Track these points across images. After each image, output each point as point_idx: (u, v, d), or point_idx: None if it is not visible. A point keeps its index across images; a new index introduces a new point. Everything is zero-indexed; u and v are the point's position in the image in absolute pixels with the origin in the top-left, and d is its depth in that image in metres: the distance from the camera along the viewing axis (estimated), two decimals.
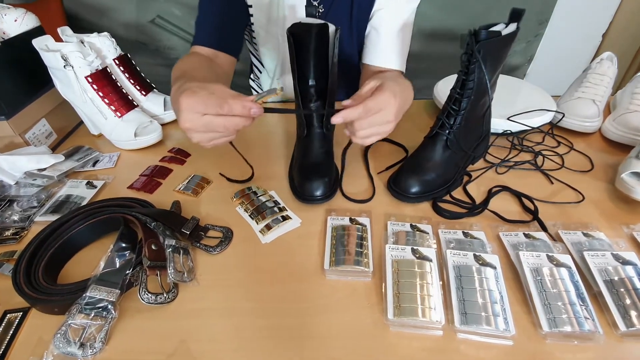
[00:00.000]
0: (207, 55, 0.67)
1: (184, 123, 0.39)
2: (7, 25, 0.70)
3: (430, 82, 0.80)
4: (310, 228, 0.50)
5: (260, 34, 0.78)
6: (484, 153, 0.61)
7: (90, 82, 0.64)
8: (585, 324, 0.36)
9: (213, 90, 0.40)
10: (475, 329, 0.37)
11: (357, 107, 0.41)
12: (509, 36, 0.47)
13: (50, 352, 0.35)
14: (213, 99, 0.38)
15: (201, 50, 0.68)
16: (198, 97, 0.38)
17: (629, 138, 0.63)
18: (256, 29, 0.77)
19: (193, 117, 0.39)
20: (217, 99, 0.39)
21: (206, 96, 0.38)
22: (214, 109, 0.39)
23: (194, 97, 0.38)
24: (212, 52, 0.68)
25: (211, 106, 0.38)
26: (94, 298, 0.38)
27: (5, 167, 0.57)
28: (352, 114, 0.41)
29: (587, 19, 1.63)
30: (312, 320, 0.39)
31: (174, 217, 0.50)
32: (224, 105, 0.38)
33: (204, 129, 0.40)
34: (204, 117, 0.39)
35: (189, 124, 0.39)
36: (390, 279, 0.41)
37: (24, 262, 0.43)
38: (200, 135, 0.41)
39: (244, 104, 0.39)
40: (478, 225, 0.49)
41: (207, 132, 0.40)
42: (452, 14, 1.60)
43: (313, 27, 0.50)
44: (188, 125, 0.39)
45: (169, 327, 0.39)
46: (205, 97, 0.38)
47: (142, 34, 1.61)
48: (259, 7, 0.72)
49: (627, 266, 0.41)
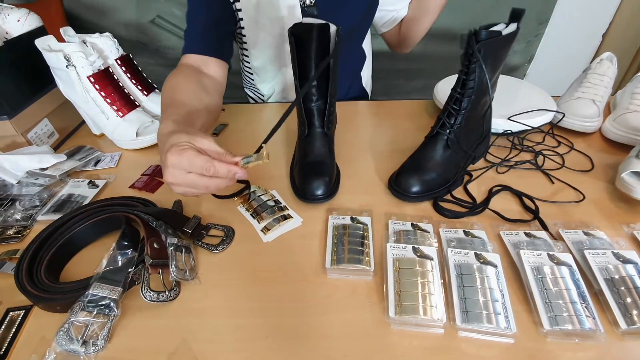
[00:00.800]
0: (197, 64, 0.68)
1: (169, 178, 0.40)
2: (10, 25, 0.71)
3: (430, 82, 0.80)
4: (312, 227, 0.50)
5: (250, 36, 0.78)
6: (484, 153, 0.61)
7: (93, 82, 0.65)
8: (586, 322, 0.36)
9: (200, 147, 0.41)
10: (477, 327, 0.37)
11: None
12: (509, 36, 0.48)
13: (53, 350, 0.35)
14: (199, 161, 0.39)
15: (191, 58, 0.68)
16: (184, 156, 0.39)
17: (629, 138, 0.63)
18: (246, 32, 0.77)
19: (178, 174, 0.40)
20: (203, 161, 0.39)
21: (193, 156, 0.39)
22: (199, 170, 0.40)
23: (180, 156, 0.39)
24: (201, 59, 0.68)
25: (197, 167, 0.39)
26: (97, 296, 0.38)
27: (7, 166, 0.58)
28: None
29: (587, 19, 1.63)
30: (314, 319, 0.39)
31: (176, 216, 0.50)
32: (210, 168, 0.40)
33: (187, 185, 0.41)
34: (188, 174, 0.40)
35: (173, 180, 0.40)
36: (391, 277, 0.41)
37: (26, 260, 0.43)
38: (183, 189, 0.42)
39: (229, 169, 0.41)
40: (479, 225, 0.49)
41: (189, 188, 0.41)
42: (452, 14, 1.60)
43: (314, 27, 0.50)
44: (172, 181, 0.40)
45: (171, 325, 0.39)
46: (192, 158, 0.39)
47: (143, 34, 1.62)
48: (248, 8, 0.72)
49: (627, 265, 0.41)
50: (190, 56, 0.68)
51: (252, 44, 0.81)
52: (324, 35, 0.52)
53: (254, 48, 0.82)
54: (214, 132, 0.74)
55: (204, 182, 0.40)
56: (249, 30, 0.77)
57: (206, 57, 0.68)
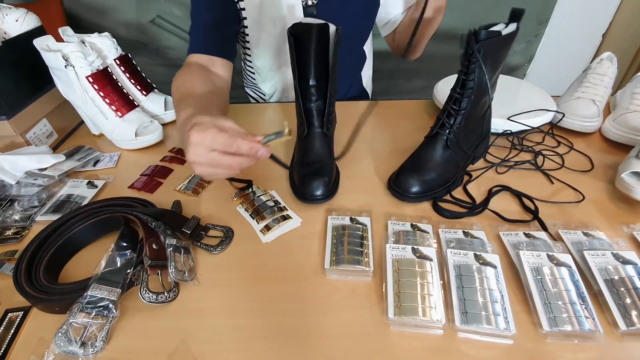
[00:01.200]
0: (204, 63, 0.68)
1: (191, 156, 0.40)
2: (9, 25, 0.70)
3: (430, 82, 0.80)
4: (311, 228, 0.50)
5: (253, 35, 0.78)
6: (484, 153, 0.61)
7: (91, 82, 0.64)
8: (586, 323, 0.36)
9: (223, 126, 0.40)
10: (476, 328, 0.37)
11: None
12: (509, 36, 0.48)
13: (52, 351, 0.35)
14: (222, 137, 0.39)
15: (197, 58, 0.68)
16: (208, 134, 0.39)
17: (629, 138, 0.63)
18: (250, 31, 0.77)
19: (201, 152, 0.39)
20: (226, 138, 0.39)
21: (216, 133, 0.39)
22: (222, 147, 0.39)
23: (203, 133, 0.39)
24: (208, 59, 0.68)
25: (220, 144, 0.39)
26: (95, 297, 0.38)
27: (6, 166, 0.58)
28: None
29: (587, 19, 1.63)
30: (313, 320, 0.39)
31: (175, 216, 0.50)
32: (233, 144, 0.39)
33: (209, 165, 0.40)
34: (211, 153, 0.39)
35: (195, 158, 0.40)
36: (390, 278, 0.41)
37: (25, 261, 0.43)
38: (204, 169, 0.41)
39: (252, 146, 0.40)
40: (478, 225, 0.49)
41: (211, 167, 0.41)
42: (452, 14, 1.60)
43: (313, 27, 0.50)
44: (194, 159, 0.40)
45: (170, 326, 0.39)
46: (215, 134, 0.39)
47: (142, 34, 1.62)
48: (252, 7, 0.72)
49: (627, 265, 0.41)
50: (196, 56, 0.68)
51: (255, 44, 0.81)
52: (324, 35, 0.51)
53: (256, 47, 0.82)
54: None
55: (227, 160, 0.40)
56: (252, 30, 0.77)
57: (212, 57, 0.69)
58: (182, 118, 0.47)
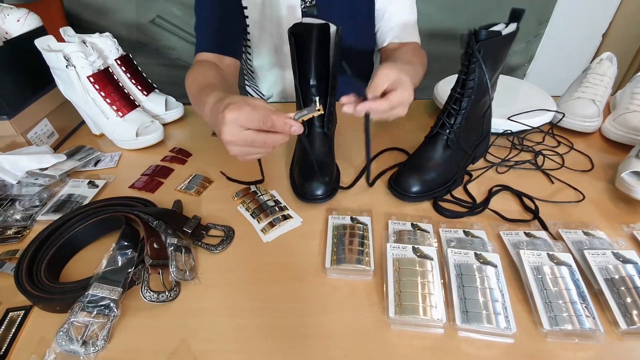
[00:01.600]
0: (213, 61, 0.68)
1: (226, 136, 0.40)
2: (10, 25, 0.71)
3: (430, 82, 0.80)
4: (311, 227, 0.50)
5: (254, 35, 0.78)
6: (484, 153, 0.61)
7: (92, 82, 0.65)
8: (586, 322, 0.36)
9: (256, 104, 0.40)
10: (476, 327, 0.37)
11: (383, 102, 0.45)
12: (509, 36, 0.48)
13: (53, 350, 0.35)
14: (257, 115, 0.39)
15: (206, 56, 0.69)
16: (242, 112, 0.39)
17: (628, 138, 0.63)
18: (251, 30, 0.77)
19: (236, 130, 0.40)
20: (260, 115, 0.39)
21: (250, 111, 0.39)
22: (257, 124, 0.40)
23: (238, 111, 0.39)
24: (216, 58, 0.69)
25: (255, 121, 0.39)
26: (97, 296, 0.38)
27: (7, 166, 0.58)
28: (380, 106, 0.45)
29: (587, 19, 1.64)
30: (314, 319, 0.39)
31: (176, 216, 0.50)
32: (267, 121, 0.39)
33: (244, 143, 0.41)
34: (246, 131, 0.40)
35: (231, 137, 0.40)
36: (391, 277, 0.41)
37: (26, 260, 0.43)
38: (239, 149, 0.41)
39: (286, 121, 0.40)
40: (479, 225, 0.49)
41: (246, 147, 0.41)
42: (452, 14, 1.61)
43: (314, 27, 0.50)
44: (229, 138, 0.40)
45: (171, 326, 0.39)
46: (250, 112, 0.39)
47: (143, 34, 1.62)
48: (253, 7, 0.72)
49: (627, 264, 0.41)
50: (205, 54, 0.69)
51: (256, 44, 0.81)
52: (324, 35, 0.52)
53: (256, 47, 0.82)
54: (213, 132, 0.74)
55: (261, 137, 0.40)
56: (253, 29, 0.77)
57: (221, 56, 0.69)
58: (211, 102, 0.46)
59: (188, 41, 1.65)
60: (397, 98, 0.45)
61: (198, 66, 0.65)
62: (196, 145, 0.70)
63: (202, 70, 0.63)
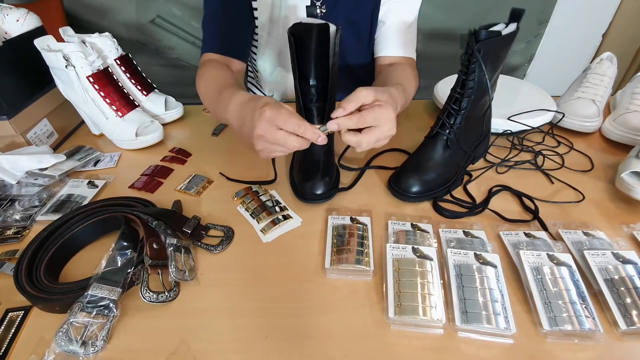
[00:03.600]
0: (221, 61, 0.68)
1: (260, 131, 0.42)
2: (9, 26, 0.71)
3: (430, 82, 0.80)
4: (311, 227, 0.50)
5: (262, 36, 0.78)
6: (484, 153, 0.61)
7: (92, 82, 0.65)
8: (586, 322, 0.36)
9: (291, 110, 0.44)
10: (476, 328, 0.37)
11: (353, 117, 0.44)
12: (509, 36, 0.48)
13: (52, 351, 0.35)
14: (294, 119, 0.42)
15: (212, 57, 0.68)
16: (281, 112, 0.42)
17: (628, 138, 0.63)
18: (259, 31, 0.77)
19: (270, 129, 0.42)
20: (297, 120, 0.43)
21: (288, 114, 0.42)
22: (291, 128, 0.42)
23: (277, 111, 0.42)
24: (224, 59, 0.69)
25: (290, 124, 0.42)
26: (96, 296, 0.38)
27: (6, 166, 0.58)
28: (348, 123, 0.44)
29: (587, 19, 1.63)
30: (313, 320, 0.39)
31: (175, 216, 0.50)
32: (301, 127, 0.43)
33: (274, 141, 0.43)
34: (279, 131, 0.42)
35: (264, 133, 0.42)
36: (391, 277, 0.41)
37: (26, 261, 0.43)
38: (266, 145, 0.44)
39: (315, 131, 0.44)
40: (478, 225, 0.49)
41: (273, 144, 0.43)
42: (452, 14, 1.60)
43: (314, 27, 0.50)
44: (262, 133, 0.42)
45: (170, 326, 0.39)
46: (287, 115, 0.42)
47: (142, 34, 1.62)
48: (263, 8, 0.72)
49: (627, 265, 0.41)
50: (211, 55, 0.69)
51: (262, 45, 0.81)
52: (324, 35, 0.51)
53: (262, 48, 0.82)
54: (213, 132, 0.74)
55: (291, 140, 0.43)
56: (261, 30, 0.77)
57: (228, 58, 0.69)
58: (241, 99, 0.48)
59: (188, 41, 1.65)
60: (372, 116, 0.44)
61: (211, 67, 0.65)
62: (196, 145, 0.70)
63: (217, 72, 0.63)
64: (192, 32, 1.62)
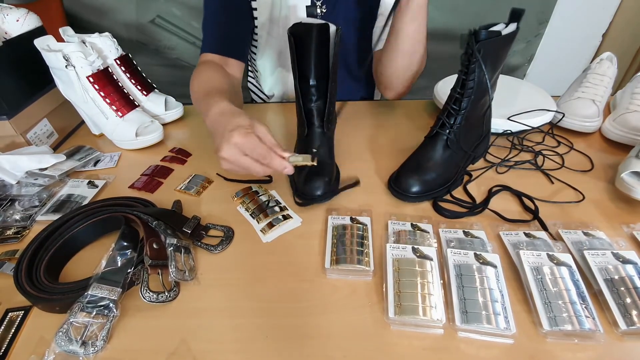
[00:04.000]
0: (218, 62, 0.68)
1: (224, 153, 0.43)
2: (9, 26, 0.71)
3: (430, 82, 0.80)
4: (311, 227, 0.50)
5: (262, 36, 0.78)
6: (484, 153, 0.61)
7: (92, 82, 0.65)
8: (586, 322, 0.36)
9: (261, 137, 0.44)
10: (476, 328, 0.37)
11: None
12: (509, 36, 0.48)
13: (52, 351, 0.35)
14: (261, 149, 0.43)
15: (211, 57, 0.69)
16: (248, 140, 0.42)
17: (628, 138, 0.63)
18: (259, 31, 0.77)
19: (236, 153, 0.43)
20: (264, 150, 0.43)
21: (256, 143, 0.43)
22: (257, 156, 0.43)
23: (245, 138, 0.42)
24: (222, 59, 0.69)
25: (256, 153, 0.43)
26: (96, 296, 0.38)
27: (6, 166, 0.58)
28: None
29: (587, 19, 1.63)
30: (313, 320, 0.39)
31: (175, 216, 0.50)
32: (267, 157, 0.43)
33: (239, 166, 0.44)
34: (244, 157, 0.43)
35: (229, 157, 0.43)
36: (391, 277, 0.41)
37: (26, 260, 0.43)
38: (230, 167, 0.44)
39: (281, 163, 0.44)
40: (478, 225, 0.49)
41: (237, 167, 0.44)
42: (452, 14, 1.60)
43: (314, 27, 0.50)
44: (227, 157, 0.43)
45: (170, 326, 0.39)
46: (255, 144, 0.43)
47: (142, 34, 1.62)
48: (262, 8, 0.72)
49: (627, 265, 0.41)
50: (210, 55, 0.69)
51: (262, 45, 0.81)
52: (324, 35, 0.52)
53: (263, 47, 0.82)
54: None
55: (256, 167, 0.44)
56: (261, 30, 0.77)
57: (226, 58, 0.69)
58: (217, 112, 0.48)
59: (188, 41, 1.65)
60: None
61: (204, 68, 0.66)
62: (196, 145, 0.70)
63: (208, 73, 0.64)
64: (192, 32, 1.62)
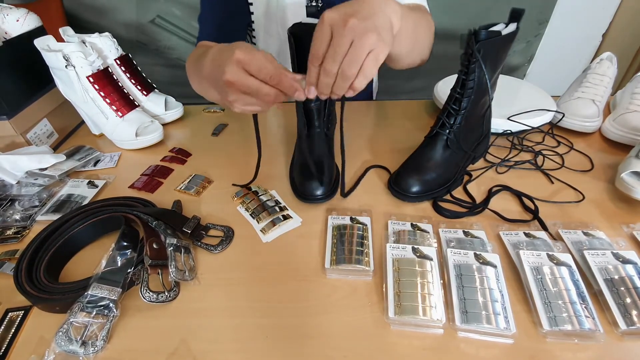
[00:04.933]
0: None
1: (229, 75, 0.35)
2: (9, 26, 0.71)
3: (430, 82, 0.80)
4: (311, 227, 0.50)
5: (259, 33, 0.78)
6: (484, 153, 0.61)
7: (92, 82, 0.65)
8: (586, 322, 0.36)
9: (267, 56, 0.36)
10: (476, 328, 0.37)
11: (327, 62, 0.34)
12: (508, 36, 0.48)
13: (52, 351, 0.35)
14: (268, 65, 0.35)
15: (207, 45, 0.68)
16: (254, 56, 0.35)
17: (628, 138, 0.63)
18: (256, 28, 0.77)
19: (240, 73, 0.36)
20: (273, 67, 0.35)
21: (262, 59, 0.35)
22: (264, 75, 0.36)
23: (250, 54, 0.35)
24: None
25: (263, 71, 0.35)
26: (96, 296, 0.38)
27: (6, 166, 0.58)
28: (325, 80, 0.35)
29: (587, 19, 1.63)
30: (313, 320, 0.39)
31: (175, 216, 0.50)
32: (276, 76, 0.35)
33: (246, 89, 0.36)
34: (250, 78, 0.36)
35: (233, 78, 0.36)
36: (391, 277, 0.41)
37: (26, 260, 0.43)
38: (239, 96, 0.37)
39: (293, 84, 0.36)
40: (478, 225, 0.49)
41: (245, 94, 0.37)
42: (452, 14, 1.60)
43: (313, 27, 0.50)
44: (232, 79, 0.36)
45: (170, 326, 0.39)
46: (261, 60, 0.35)
47: (142, 34, 1.62)
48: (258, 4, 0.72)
49: (627, 265, 0.41)
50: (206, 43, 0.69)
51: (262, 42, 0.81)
52: None
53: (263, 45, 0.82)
54: (213, 132, 0.74)
55: (266, 88, 0.36)
56: (258, 30, 0.77)
57: None
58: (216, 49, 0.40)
59: (188, 41, 1.65)
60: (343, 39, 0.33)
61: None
62: (196, 145, 0.70)
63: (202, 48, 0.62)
64: (192, 32, 1.62)
